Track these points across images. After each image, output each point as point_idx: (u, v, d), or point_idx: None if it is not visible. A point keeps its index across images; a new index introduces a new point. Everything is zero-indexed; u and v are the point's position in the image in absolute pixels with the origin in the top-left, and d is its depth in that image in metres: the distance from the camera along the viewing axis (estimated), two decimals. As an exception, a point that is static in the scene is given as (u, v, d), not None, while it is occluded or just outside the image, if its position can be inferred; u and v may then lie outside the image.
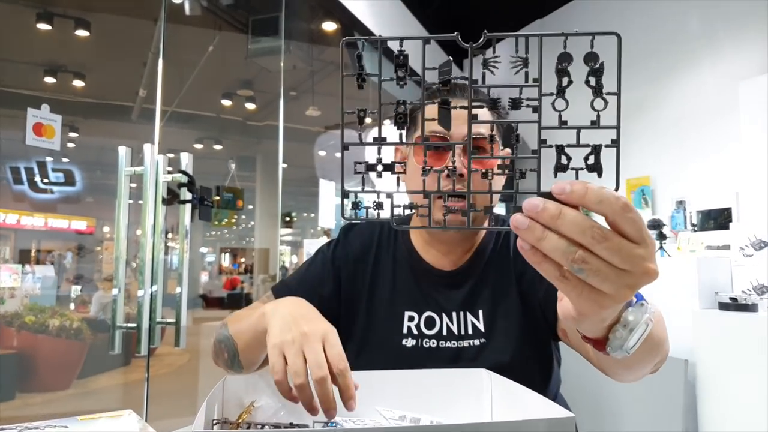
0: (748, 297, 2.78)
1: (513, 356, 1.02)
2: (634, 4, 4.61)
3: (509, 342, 1.03)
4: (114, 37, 4.69)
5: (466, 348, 1.04)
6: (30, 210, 4.69)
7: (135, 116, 5.10)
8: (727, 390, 2.72)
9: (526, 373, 1.00)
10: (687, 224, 3.98)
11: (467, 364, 1.01)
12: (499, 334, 1.04)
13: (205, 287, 10.67)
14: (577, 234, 0.44)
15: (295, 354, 0.72)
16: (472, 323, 1.05)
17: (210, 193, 2.48)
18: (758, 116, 3.49)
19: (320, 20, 4.76)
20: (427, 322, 1.07)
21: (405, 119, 0.50)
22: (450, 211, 0.51)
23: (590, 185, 0.44)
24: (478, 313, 1.06)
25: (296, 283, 1.14)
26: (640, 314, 0.57)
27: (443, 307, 1.07)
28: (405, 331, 1.07)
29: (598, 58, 0.47)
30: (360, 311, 1.11)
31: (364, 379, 0.81)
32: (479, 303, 1.07)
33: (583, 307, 0.49)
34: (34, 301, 3.83)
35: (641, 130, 4.44)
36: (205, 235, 10.29)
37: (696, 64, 4.11)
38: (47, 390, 4.09)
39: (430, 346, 1.05)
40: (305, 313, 0.80)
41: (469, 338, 1.05)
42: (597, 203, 0.44)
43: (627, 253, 0.45)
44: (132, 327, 2.21)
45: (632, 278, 0.46)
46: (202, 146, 7.49)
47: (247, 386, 0.80)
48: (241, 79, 6.04)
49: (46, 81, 4.37)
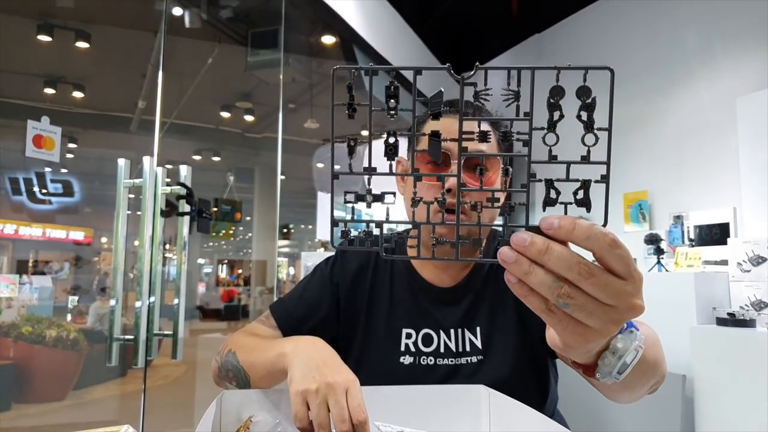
0: (746, 312, 2.79)
1: (511, 373, 1.02)
2: (632, 20, 4.64)
3: (507, 359, 1.03)
4: (114, 49, 4.71)
5: (464, 365, 1.04)
6: (28, 220, 4.68)
7: (134, 127, 5.10)
8: (724, 405, 2.71)
9: (523, 389, 1.00)
10: (685, 239, 3.98)
11: (464, 380, 1.00)
12: (497, 351, 1.04)
13: (202, 299, 10.64)
14: (563, 270, 0.44)
15: (319, 405, 0.74)
16: (470, 340, 1.05)
17: (208, 206, 2.48)
18: (756, 132, 3.51)
19: (319, 34, 4.79)
20: (424, 339, 1.07)
21: (395, 151, 0.50)
22: (438, 242, 0.51)
23: (578, 221, 0.45)
24: (476, 330, 1.06)
25: (294, 303, 1.14)
26: (629, 342, 0.57)
27: (441, 324, 1.07)
28: (402, 348, 1.07)
29: (590, 93, 0.47)
30: (358, 329, 1.11)
31: (363, 395, 0.81)
32: (477, 319, 1.07)
33: (569, 340, 0.49)
34: (31, 312, 3.82)
35: (639, 145, 4.46)
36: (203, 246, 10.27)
37: (694, 79, 4.14)
38: (43, 401, 4.06)
39: (427, 363, 1.05)
40: (327, 360, 0.81)
41: (467, 355, 1.04)
42: (585, 239, 0.44)
43: (613, 290, 0.45)
44: (129, 339, 2.21)
45: (618, 313, 0.46)
46: (201, 158, 7.49)
47: (245, 401, 0.80)
48: (240, 92, 6.06)
49: (45, 92, 4.38)
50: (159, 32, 3.01)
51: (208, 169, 7.90)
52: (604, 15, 4.92)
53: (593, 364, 0.59)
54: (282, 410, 0.80)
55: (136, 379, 2.74)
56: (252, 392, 0.81)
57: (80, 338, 4.15)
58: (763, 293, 2.82)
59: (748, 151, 3.56)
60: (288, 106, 6.05)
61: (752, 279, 2.88)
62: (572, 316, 0.46)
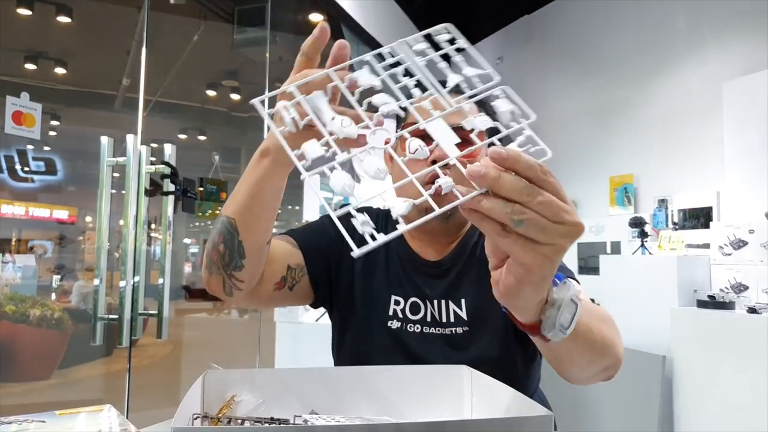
0: (726, 295, 2.83)
1: (500, 348, 1.04)
2: (620, 3, 4.64)
3: (495, 333, 1.04)
4: (96, 24, 4.62)
5: (452, 336, 1.06)
6: (10, 198, 4.62)
7: (118, 105, 5.03)
8: (703, 385, 2.77)
9: (510, 365, 1.02)
10: (668, 223, 4.02)
11: (455, 352, 1.04)
12: (484, 325, 1.06)
13: (188, 278, 10.60)
14: (515, 193, 0.50)
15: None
16: (454, 311, 1.07)
17: (193, 185, 2.46)
18: (741, 116, 3.54)
19: (307, 11, 4.73)
20: (412, 307, 1.09)
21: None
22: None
23: (522, 153, 0.51)
24: (461, 301, 1.08)
25: (302, 228, 1.15)
26: (564, 291, 0.61)
27: (427, 295, 1.09)
28: (390, 313, 1.09)
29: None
30: (356, 285, 1.12)
31: (344, 374, 0.82)
32: (461, 293, 1.09)
33: (527, 259, 0.53)
34: (15, 291, 3.79)
35: (625, 129, 4.48)
36: (189, 226, 10.20)
37: (681, 64, 4.15)
38: (28, 380, 4.05)
39: (414, 330, 1.07)
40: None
41: (452, 326, 1.06)
42: (526, 168, 0.50)
43: (558, 206, 0.50)
44: (114, 318, 2.20)
45: (565, 229, 0.51)
46: (186, 136, 7.41)
47: (228, 380, 0.80)
48: (226, 70, 5.99)
49: (26, 68, 4.30)
50: (143, 8, 2.95)
51: (194, 148, 7.82)
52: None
53: (537, 323, 0.62)
54: (265, 390, 0.80)
55: (121, 359, 2.74)
56: (236, 372, 0.81)
57: (65, 317, 4.13)
58: (743, 276, 2.87)
59: (732, 135, 3.59)
60: (275, 84, 6.00)
61: (733, 262, 2.93)
62: (526, 235, 0.51)
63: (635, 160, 4.43)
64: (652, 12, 4.37)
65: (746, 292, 2.85)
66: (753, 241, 2.86)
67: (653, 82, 4.34)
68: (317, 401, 0.79)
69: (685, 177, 4.05)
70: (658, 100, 4.31)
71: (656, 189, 4.26)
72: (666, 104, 4.24)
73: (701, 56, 4.01)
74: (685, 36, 4.13)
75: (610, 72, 4.68)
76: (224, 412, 0.76)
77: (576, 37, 5.07)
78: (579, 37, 5.03)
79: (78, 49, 4.82)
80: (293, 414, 0.74)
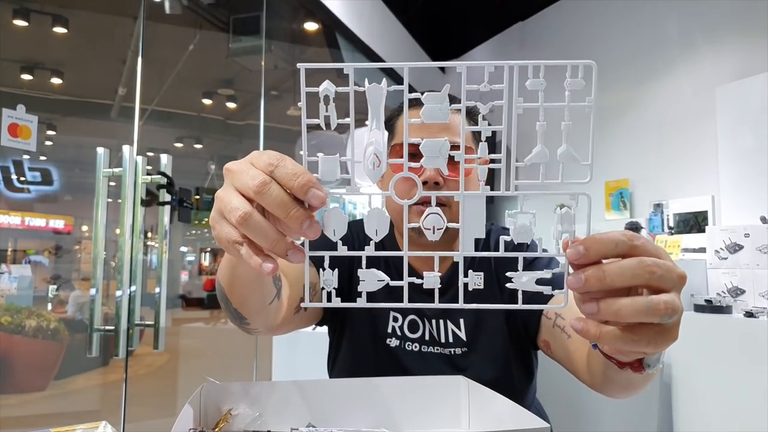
0: (723, 299, 2.83)
1: (499, 368, 1.02)
2: (614, 9, 4.66)
3: (494, 352, 1.03)
4: (92, 35, 4.63)
5: (450, 356, 1.05)
6: (6, 209, 4.61)
7: (114, 114, 5.03)
8: (701, 391, 2.76)
9: (509, 382, 1.01)
10: (664, 227, 4.03)
11: (454, 371, 1.01)
12: (483, 344, 1.04)
13: (185, 287, 10.56)
14: (629, 278, 0.44)
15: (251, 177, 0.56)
16: (453, 331, 1.06)
17: (189, 195, 2.46)
18: (734, 121, 3.55)
19: (301, 20, 4.75)
20: (410, 325, 1.08)
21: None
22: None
23: (596, 236, 0.45)
24: (459, 322, 1.06)
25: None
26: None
27: (424, 313, 1.08)
28: (389, 330, 1.08)
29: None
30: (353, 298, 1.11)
31: (341, 386, 0.81)
32: (460, 312, 1.07)
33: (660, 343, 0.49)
34: (11, 302, 3.77)
35: (620, 134, 4.49)
36: (185, 234, 10.19)
37: (674, 69, 4.17)
38: (24, 391, 4.02)
39: (412, 349, 1.06)
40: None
41: (451, 346, 1.05)
42: (614, 248, 0.45)
43: (667, 267, 0.45)
44: (110, 330, 2.19)
45: (677, 288, 0.47)
46: (183, 145, 7.42)
47: (225, 394, 0.80)
48: (221, 78, 6.00)
49: (23, 78, 4.30)
50: (138, 18, 2.96)
51: (190, 157, 7.82)
52: (587, 3, 4.93)
53: (639, 360, 0.60)
54: (262, 403, 0.80)
55: (118, 369, 2.72)
56: (232, 385, 0.81)
57: (61, 328, 4.11)
58: (740, 280, 2.87)
59: (726, 140, 3.60)
60: (270, 93, 6.01)
61: (729, 266, 2.93)
62: (665, 324, 0.46)
63: (630, 165, 4.44)
64: (645, 18, 4.40)
65: (743, 296, 2.85)
66: (749, 244, 2.87)
67: (647, 88, 4.36)
68: (314, 414, 0.79)
69: (681, 181, 4.06)
70: (652, 106, 4.32)
71: (652, 194, 4.27)
72: (660, 109, 4.26)
73: (694, 61, 4.03)
74: (678, 41, 4.15)
75: (604, 77, 4.68)
76: (221, 426, 0.76)
77: (570, 43, 5.09)
78: (573, 43, 5.05)
79: (74, 59, 4.82)
80: (290, 427, 0.74)
